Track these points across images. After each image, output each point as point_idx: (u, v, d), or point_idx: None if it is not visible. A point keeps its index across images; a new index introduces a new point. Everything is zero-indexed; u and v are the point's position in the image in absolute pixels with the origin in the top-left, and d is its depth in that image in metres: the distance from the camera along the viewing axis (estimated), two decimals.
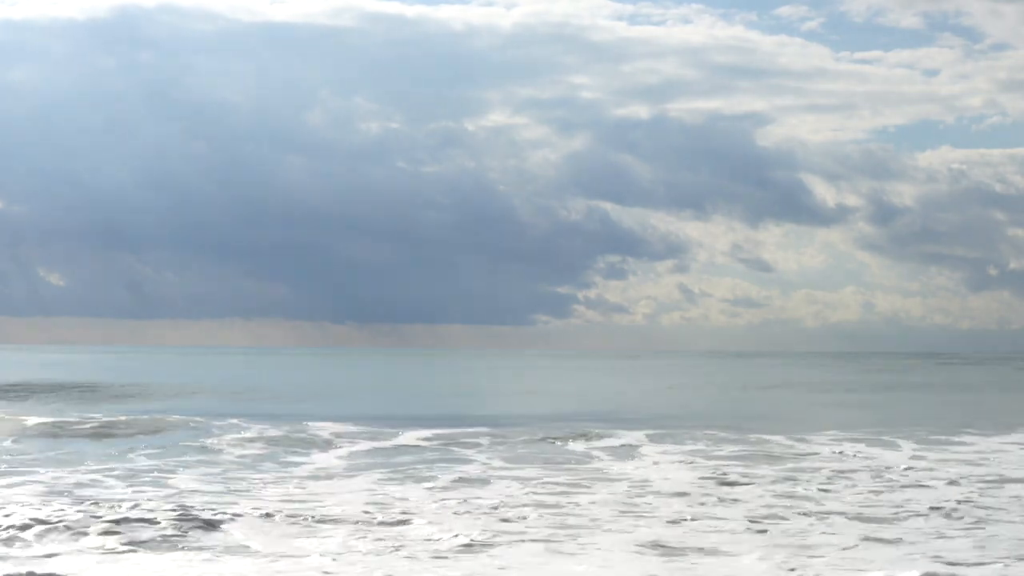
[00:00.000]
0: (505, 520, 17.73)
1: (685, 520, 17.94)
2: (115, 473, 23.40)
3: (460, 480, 22.91)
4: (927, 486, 22.05)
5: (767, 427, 36.52)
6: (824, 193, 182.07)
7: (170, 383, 73.08)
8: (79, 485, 21.46)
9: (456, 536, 16.28)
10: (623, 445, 29.92)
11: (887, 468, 24.84)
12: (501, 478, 23.19)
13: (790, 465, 25.46)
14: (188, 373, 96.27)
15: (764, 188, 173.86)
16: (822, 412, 45.49)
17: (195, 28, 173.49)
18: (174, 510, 17.83)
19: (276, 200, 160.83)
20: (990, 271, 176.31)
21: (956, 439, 31.67)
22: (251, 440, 30.68)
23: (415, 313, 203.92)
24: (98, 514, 17.41)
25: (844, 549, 15.69)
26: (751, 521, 17.86)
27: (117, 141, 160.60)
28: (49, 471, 23.54)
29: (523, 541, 16.05)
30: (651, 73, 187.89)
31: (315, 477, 23.36)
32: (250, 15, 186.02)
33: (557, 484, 22.15)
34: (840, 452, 28.20)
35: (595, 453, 28.08)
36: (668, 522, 17.79)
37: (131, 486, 21.45)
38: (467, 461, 26.26)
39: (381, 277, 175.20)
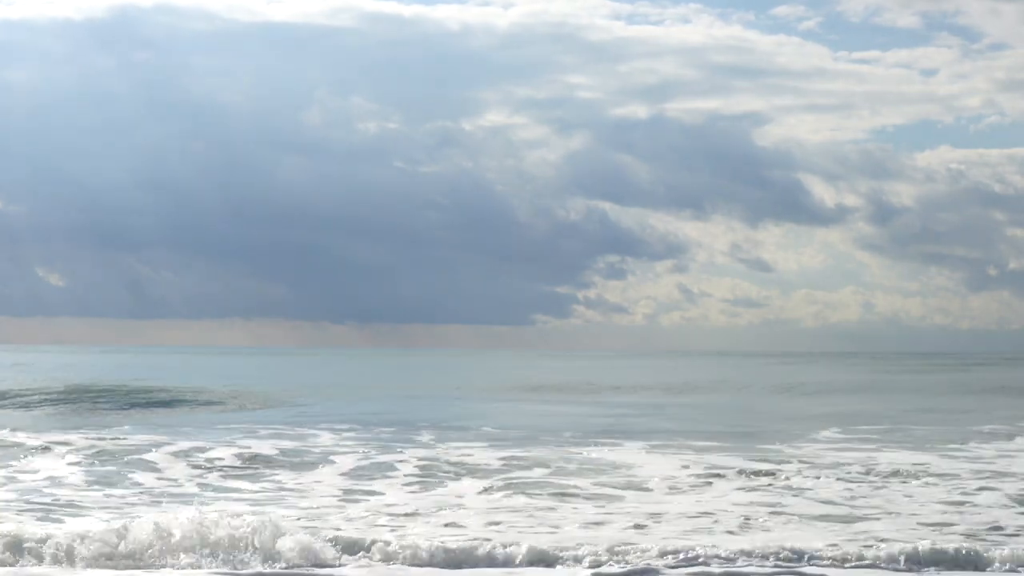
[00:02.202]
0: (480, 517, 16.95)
1: (661, 520, 17.15)
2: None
3: (431, 478, 22.19)
4: (926, 487, 21.25)
5: (763, 426, 35.92)
6: (823, 193, 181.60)
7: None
8: None
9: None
10: (612, 443, 29.07)
11: (884, 469, 24.00)
12: (479, 474, 22.41)
13: (782, 466, 24.61)
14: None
15: (763, 188, 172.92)
16: (820, 412, 44.64)
17: (193, 28, 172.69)
18: None
19: (275, 200, 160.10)
20: (990, 271, 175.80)
21: (958, 440, 30.84)
22: None
23: (415, 313, 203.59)
24: None
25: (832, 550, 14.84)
26: (733, 523, 17.09)
27: (116, 141, 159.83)
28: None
29: (490, 540, 15.20)
30: (649, 73, 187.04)
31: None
32: (248, 15, 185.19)
33: (537, 483, 21.44)
34: (835, 453, 27.39)
35: (582, 452, 27.22)
36: (638, 524, 16.96)
37: None
38: (450, 456, 25.49)
39: (381, 277, 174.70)
